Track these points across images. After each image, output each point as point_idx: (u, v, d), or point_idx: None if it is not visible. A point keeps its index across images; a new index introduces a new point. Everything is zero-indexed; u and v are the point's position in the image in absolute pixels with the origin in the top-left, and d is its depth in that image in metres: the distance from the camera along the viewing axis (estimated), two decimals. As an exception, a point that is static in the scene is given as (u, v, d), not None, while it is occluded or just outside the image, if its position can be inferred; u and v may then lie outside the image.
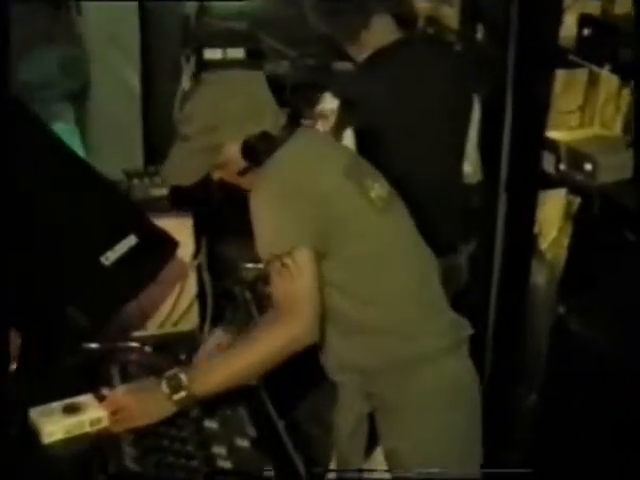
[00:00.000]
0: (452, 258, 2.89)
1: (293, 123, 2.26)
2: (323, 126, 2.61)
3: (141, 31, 3.30)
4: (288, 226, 2.09)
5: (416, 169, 2.68)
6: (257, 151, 2.19)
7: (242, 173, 2.25)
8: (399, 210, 2.31)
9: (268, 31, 3.29)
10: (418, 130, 2.75)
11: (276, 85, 2.29)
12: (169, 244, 2.49)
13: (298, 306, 2.08)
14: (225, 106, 2.21)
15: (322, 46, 3.15)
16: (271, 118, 2.23)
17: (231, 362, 2.15)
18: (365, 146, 2.58)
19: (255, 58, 3.18)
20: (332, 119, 2.61)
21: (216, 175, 2.30)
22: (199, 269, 2.71)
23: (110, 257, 2.29)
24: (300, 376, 2.32)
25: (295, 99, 2.67)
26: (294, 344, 2.09)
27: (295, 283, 2.06)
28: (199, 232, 2.70)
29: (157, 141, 3.32)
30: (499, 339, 3.29)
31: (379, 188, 2.25)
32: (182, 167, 2.25)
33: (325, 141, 2.41)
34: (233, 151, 2.23)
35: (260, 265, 2.59)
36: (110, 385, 2.28)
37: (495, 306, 3.26)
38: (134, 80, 3.35)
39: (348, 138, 2.62)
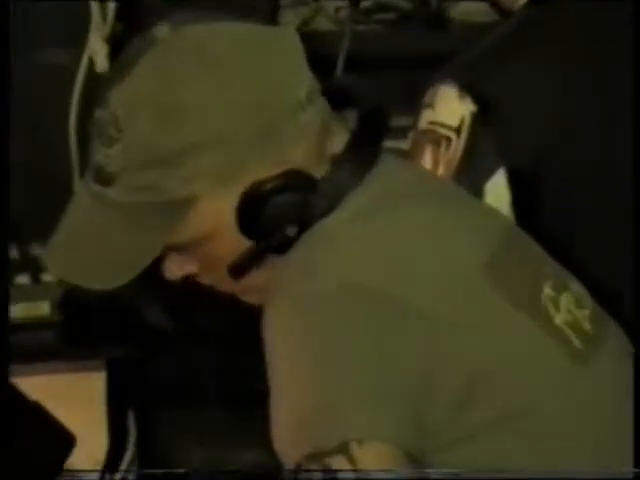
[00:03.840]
0: None
1: (362, 147, 1.34)
2: (438, 161, 1.63)
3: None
4: (353, 391, 1.25)
5: None
6: (275, 214, 1.32)
7: (237, 270, 1.34)
8: (614, 354, 1.39)
9: None
10: None
11: (320, 58, 1.34)
12: (57, 438, 1.76)
13: None
14: (206, 105, 1.30)
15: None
16: (315, 136, 1.31)
17: None
18: (529, 204, 1.62)
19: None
20: (461, 142, 1.60)
21: (176, 269, 1.39)
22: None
23: None
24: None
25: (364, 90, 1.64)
26: None
27: None
28: (123, 405, 2.22)
29: (37, 188, 2.30)
30: None
31: (572, 301, 1.36)
32: (96, 249, 1.40)
33: (443, 193, 1.51)
34: (217, 212, 1.33)
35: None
36: None
37: None
38: None
39: (498, 190, 1.60)
